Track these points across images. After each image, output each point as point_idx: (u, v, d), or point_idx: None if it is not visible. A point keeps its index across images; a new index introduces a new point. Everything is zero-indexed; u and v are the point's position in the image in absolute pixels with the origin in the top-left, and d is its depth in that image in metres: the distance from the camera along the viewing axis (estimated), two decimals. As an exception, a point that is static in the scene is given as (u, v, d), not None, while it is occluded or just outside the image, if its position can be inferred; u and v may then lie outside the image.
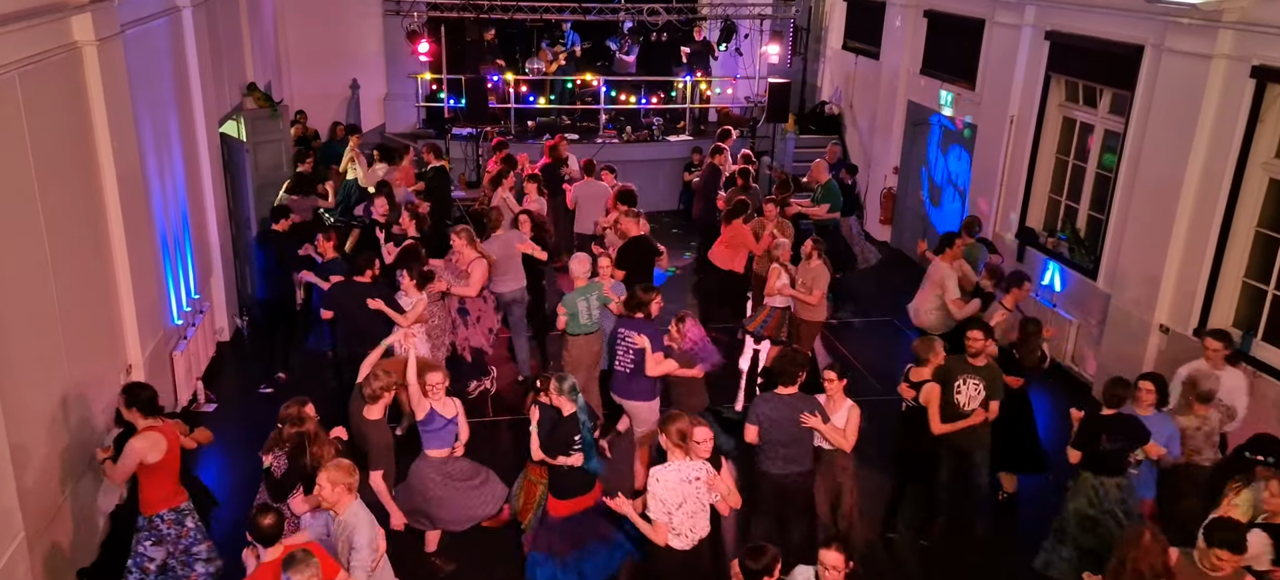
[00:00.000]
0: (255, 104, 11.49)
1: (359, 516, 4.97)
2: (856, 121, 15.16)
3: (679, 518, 5.17)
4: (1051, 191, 10.64)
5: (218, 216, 9.83)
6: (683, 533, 5.20)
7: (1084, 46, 9.68)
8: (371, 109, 15.35)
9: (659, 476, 5.17)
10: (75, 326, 6.32)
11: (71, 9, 6.34)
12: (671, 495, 5.15)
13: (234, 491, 7.24)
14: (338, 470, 4.98)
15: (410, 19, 14.30)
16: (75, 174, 6.49)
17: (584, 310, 7.80)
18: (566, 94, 15.42)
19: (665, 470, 5.19)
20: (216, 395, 8.85)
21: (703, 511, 5.27)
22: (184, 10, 8.93)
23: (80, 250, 6.53)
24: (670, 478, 5.16)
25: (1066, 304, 10.01)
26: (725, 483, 5.38)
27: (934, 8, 12.57)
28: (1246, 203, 7.95)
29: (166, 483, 5.62)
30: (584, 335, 7.82)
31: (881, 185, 14.06)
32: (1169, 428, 6.32)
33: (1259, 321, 7.96)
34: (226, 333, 9.99)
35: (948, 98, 12.29)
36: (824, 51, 16.36)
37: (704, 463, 5.24)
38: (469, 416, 6.45)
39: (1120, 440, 6.14)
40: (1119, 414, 6.22)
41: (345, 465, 5.05)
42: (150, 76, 7.99)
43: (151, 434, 5.50)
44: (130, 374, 7.26)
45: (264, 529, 4.61)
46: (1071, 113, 10.27)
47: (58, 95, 6.22)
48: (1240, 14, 7.75)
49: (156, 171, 8.06)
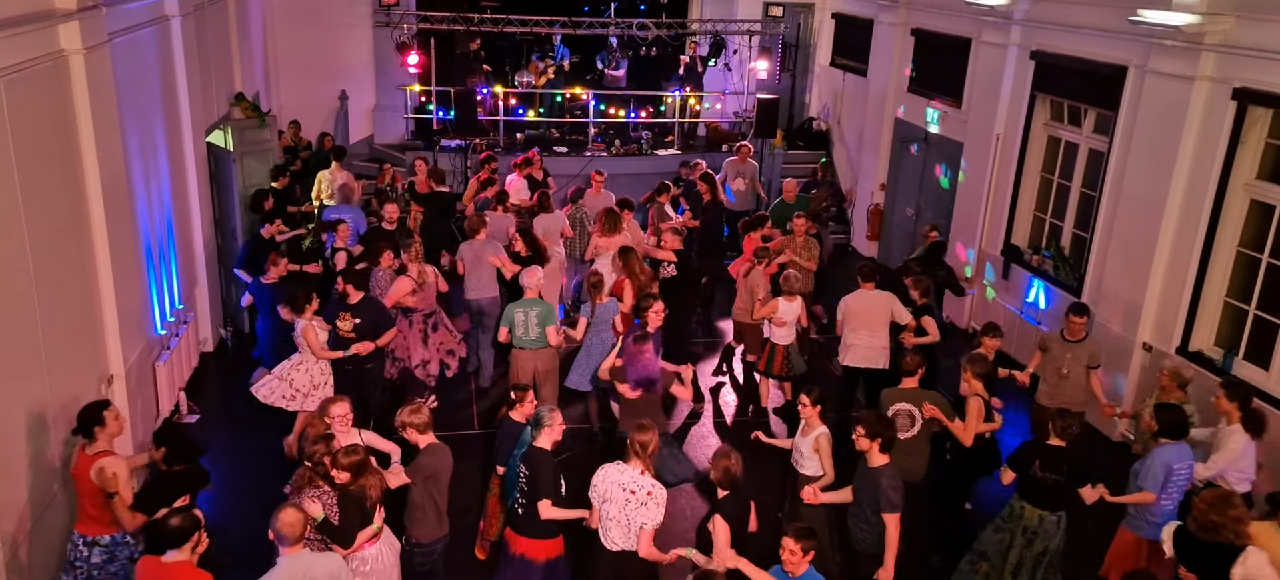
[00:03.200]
0: (243, 114, 11.47)
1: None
2: (844, 138, 15.24)
3: (602, 513, 5.40)
4: (1036, 209, 10.72)
5: (203, 226, 9.79)
6: (604, 530, 5.42)
7: (1069, 67, 9.77)
8: (360, 120, 15.32)
9: (605, 469, 5.46)
10: (56, 335, 6.27)
11: (58, 17, 6.32)
12: (604, 489, 5.40)
13: (216, 506, 7.18)
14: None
15: (400, 31, 14.29)
16: (59, 182, 6.45)
17: (521, 323, 7.82)
18: (556, 107, 15.44)
19: (613, 467, 5.45)
20: (199, 406, 8.79)
21: (625, 525, 5.32)
22: (172, 19, 8.91)
23: (63, 259, 6.49)
24: (612, 474, 5.41)
25: (1050, 322, 10.07)
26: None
27: (921, 26, 12.67)
28: (1228, 223, 8.03)
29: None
30: (525, 350, 7.86)
31: (868, 202, 14.12)
32: (1185, 455, 6.16)
33: (1240, 341, 8.03)
34: (210, 343, 9.93)
35: (934, 115, 12.38)
36: (812, 68, 16.45)
37: (651, 483, 5.33)
38: (456, 428, 6.44)
39: (1054, 472, 6.02)
40: (1063, 446, 6.05)
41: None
42: (137, 85, 7.96)
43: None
44: (111, 384, 7.21)
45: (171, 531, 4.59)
46: (1056, 132, 10.36)
47: (43, 103, 6.19)
48: (1222, 37, 7.84)
49: (142, 180, 8.02)
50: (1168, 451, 6.08)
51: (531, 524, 5.53)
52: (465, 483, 7.74)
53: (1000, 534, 6.30)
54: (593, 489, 5.46)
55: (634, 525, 5.30)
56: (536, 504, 5.45)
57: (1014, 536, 6.20)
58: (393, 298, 8.26)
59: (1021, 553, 6.18)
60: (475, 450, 8.30)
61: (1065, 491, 6.05)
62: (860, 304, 8.38)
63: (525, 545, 5.59)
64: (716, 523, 5.31)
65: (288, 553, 4.67)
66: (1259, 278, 7.88)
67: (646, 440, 5.38)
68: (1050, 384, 7.75)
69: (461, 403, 9.14)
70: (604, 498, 5.38)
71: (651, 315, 7.34)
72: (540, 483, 5.43)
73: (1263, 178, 7.85)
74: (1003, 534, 6.29)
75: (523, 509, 5.55)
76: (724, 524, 5.28)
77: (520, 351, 7.89)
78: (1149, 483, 6.06)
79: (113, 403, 5.91)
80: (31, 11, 5.98)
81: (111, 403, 5.88)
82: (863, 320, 8.37)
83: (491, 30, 14.30)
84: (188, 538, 4.58)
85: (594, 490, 5.45)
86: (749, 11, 15.85)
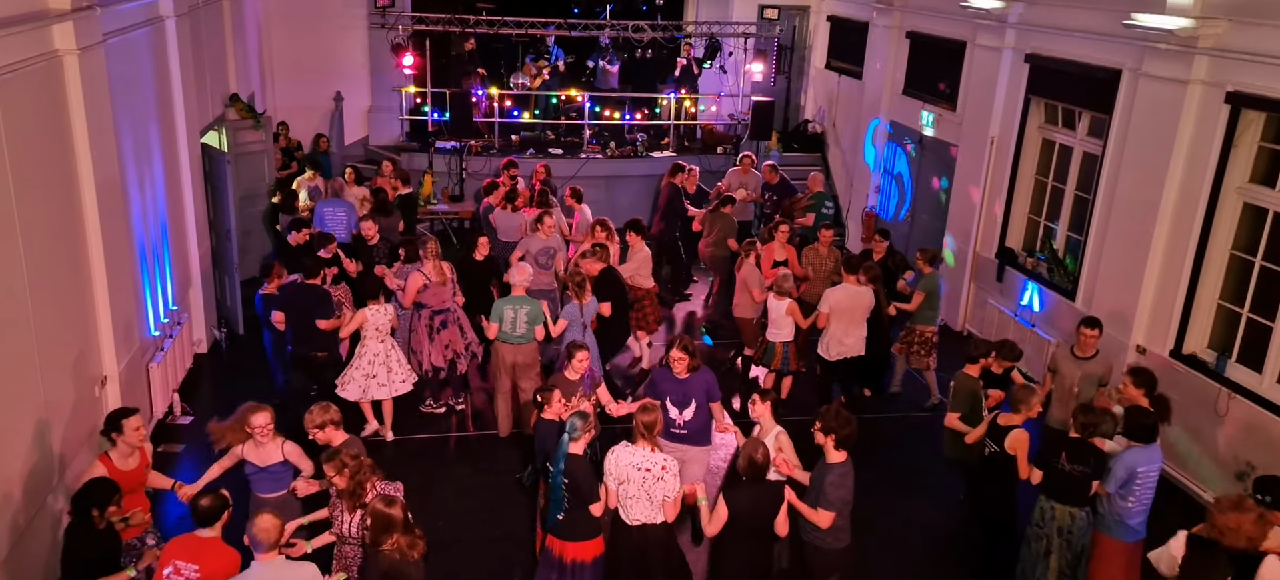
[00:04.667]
0: (238, 115, 11.44)
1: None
2: (839, 140, 15.26)
3: (621, 494, 5.62)
4: (1031, 212, 10.75)
5: (198, 227, 9.77)
6: (625, 508, 5.64)
7: (1063, 70, 9.79)
8: (355, 122, 15.30)
9: (616, 452, 5.65)
10: (49, 337, 6.25)
11: (52, 17, 6.29)
12: (619, 472, 5.60)
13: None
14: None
15: (395, 32, 14.29)
16: (53, 183, 6.43)
17: (510, 319, 7.91)
18: (551, 109, 15.44)
19: (623, 449, 5.65)
20: (193, 408, 8.77)
21: (646, 501, 5.57)
22: (167, 20, 8.89)
23: (57, 260, 6.46)
24: (624, 457, 5.61)
25: (1045, 324, 10.09)
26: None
27: (916, 29, 12.70)
28: (1221, 226, 8.06)
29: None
30: (509, 344, 7.95)
31: (862, 205, 14.14)
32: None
33: (1233, 343, 8.06)
34: (204, 344, 9.90)
35: (929, 118, 12.40)
36: (808, 70, 16.48)
37: (663, 457, 5.63)
38: (441, 430, 6.40)
39: (1080, 465, 6.00)
40: (1085, 439, 6.04)
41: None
42: (132, 86, 7.94)
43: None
44: (105, 386, 7.18)
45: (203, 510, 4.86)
46: (1051, 135, 10.38)
47: (37, 103, 6.17)
48: (1215, 40, 7.87)
49: (136, 181, 8.00)
50: (1134, 454, 5.98)
51: (580, 527, 5.65)
52: (461, 484, 7.77)
53: (1037, 543, 6.19)
54: (607, 473, 5.66)
55: (655, 499, 5.57)
56: (586, 508, 5.60)
57: (1051, 541, 6.09)
58: (408, 295, 8.42)
59: (1062, 557, 6.08)
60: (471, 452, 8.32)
61: (1089, 484, 6.01)
62: (846, 300, 8.54)
63: (576, 550, 5.69)
64: (719, 505, 5.38)
65: (263, 559, 4.70)
66: (1252, 281, 7.91)
67: (651, 420, 5.61)
68: (1062, 405, 7.49)
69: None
70: (621, 480, 5.59)
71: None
72: (584, 489, 5.57)
73: (1256, 181, 7.88)
74: (1038, 543, 6.18)
75: (567, 516, 5.64)
76: (725, 509, 5.34)
77: (502, 345, 7.99)
78: (1110, 483, 5.98)
79: (136, 414, 5.78)
80: (25, 12, 5.96)
81: (135, 412, 5.77)
82: (846, 315, 8.57)
83: (487, 32, 14.30)
84: (218, 516, 4.89)
85: (609, 474, 5.65)
86: (744, 14, 15.88)
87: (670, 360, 6.76)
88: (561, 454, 5.58)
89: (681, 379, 6.68)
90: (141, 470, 5.76)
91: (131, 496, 5.58)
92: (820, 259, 9.98)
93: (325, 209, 10.26)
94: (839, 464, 5.61)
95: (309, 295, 8.03)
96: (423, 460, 8.12)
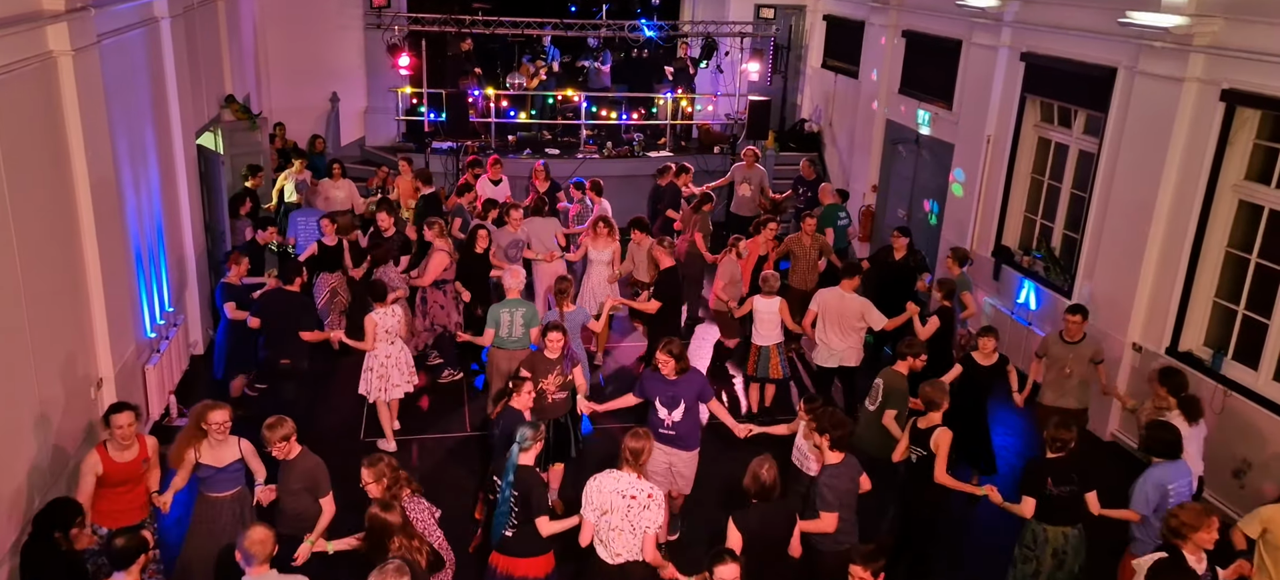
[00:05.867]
0: (233, 116, 11.43)
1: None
2: (836, 139, 15.27)
3: (602, 525, 5.27)
4: (1027, 211, 10.76)
5: (193, 228, 9.74)
6: (605, 542, 5.30)
7: (1059, 68, 9.80)
8: (351, 122, 15.29)
9: (598, 479, 5.32)
10: (45, 339, 6.24)
11: (47, 18, 6.28)
12: (601, 500, 5.27)
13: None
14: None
15: (391, 32, 14.28)
16: (48, 184, 6.41)
17: (506, 323, 7.89)
18: (547, 109, 15.44)
19: (606, 475, 5.33)
20: (189, 409, 8.72)
21: (629, 532, 5.24)
22: (162, 21, 8.87)
23: (52, 262, 6.45)
24: (607, 483, 5.29)
25: (1041, 322, 10.09)
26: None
27: (913, 28, 12.70)
28: (1217, 224, 8.07)
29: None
30: (506, 350, 7.91)
31: (860, 203, 14.15)
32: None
33: (1229, 340, 8.07)
34: (200, 346, 9.88)
35: (925, 117, 12.41)
36: (804, 70, 16.48)
37: (650, 485, 5.31)
38: (441, 431, 6.40)
39: (1067, 485, 5.85)
40: (1066, 456, 5.89)
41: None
42: (127, 87, 7.92)
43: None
44: (101, 388, 7.17)
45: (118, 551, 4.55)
46: (1047, 133, 10.39)
47: (31, 105, 6.16)
48: (1211, 38, 7.88)
49: (131, 183, 7.98)
50: (1160, 471, 5.86)
51: (527, 544, 5.45)
52: (457, 486, 7.75)
53: (1026, 565, 6.05)
54: (586, 503, 5.30)
55: (639, 529, 5.24)
56: (533, 523, 5.38)
57: (1041, 563, 5.97)
58: (431, 274, 8.82)
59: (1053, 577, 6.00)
60: (470, 453, 8.30)
61: (1080, 500, 5.89)
62: (835, 303, 8.45)
63: (524, 566, 5.50)
64: (729, 529, 5.20)
65: (253, 573, 4.62)
66: (1248, 278, 7.92)
67: (639, 447, 5.32)
68: (1053, 385, 7.75)
69: (452, 405, 9.13)
70: (603, 509, 5.25)
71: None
72: (534, 501, 5.37)
73: (1251, 178, 7.89)
74: (1027, 565, 6.05)
75: (515, 531, 5.45)
76: (737, 532, 5.16)
77: (498, 351, 7.95)
78: (1140, 503, 5.83)
79: (128, 411, 5.72)
80: (19, 13, 5.95)
81: (126, 409, 5.72)
82: (834, 320, 8.45)
83: (483, 32, 14.30)
84: (134, 558, 4.58)
85: (589, 504, 5.29)
86: (740, 13, 15.90)
87: (657, 362, 6.65)
88: (511, 465, 5.43)
89: (671, 380, 6.56)
90: (139, 463, 5.72)
91: (129, 488, 5.65)
92: (804, 248, 9.98)
93: (299, 217, 10.33)
94: (836, 466, 5.58)
95: (291, 302, 7.99)
96: (423, 461, 8.11)
